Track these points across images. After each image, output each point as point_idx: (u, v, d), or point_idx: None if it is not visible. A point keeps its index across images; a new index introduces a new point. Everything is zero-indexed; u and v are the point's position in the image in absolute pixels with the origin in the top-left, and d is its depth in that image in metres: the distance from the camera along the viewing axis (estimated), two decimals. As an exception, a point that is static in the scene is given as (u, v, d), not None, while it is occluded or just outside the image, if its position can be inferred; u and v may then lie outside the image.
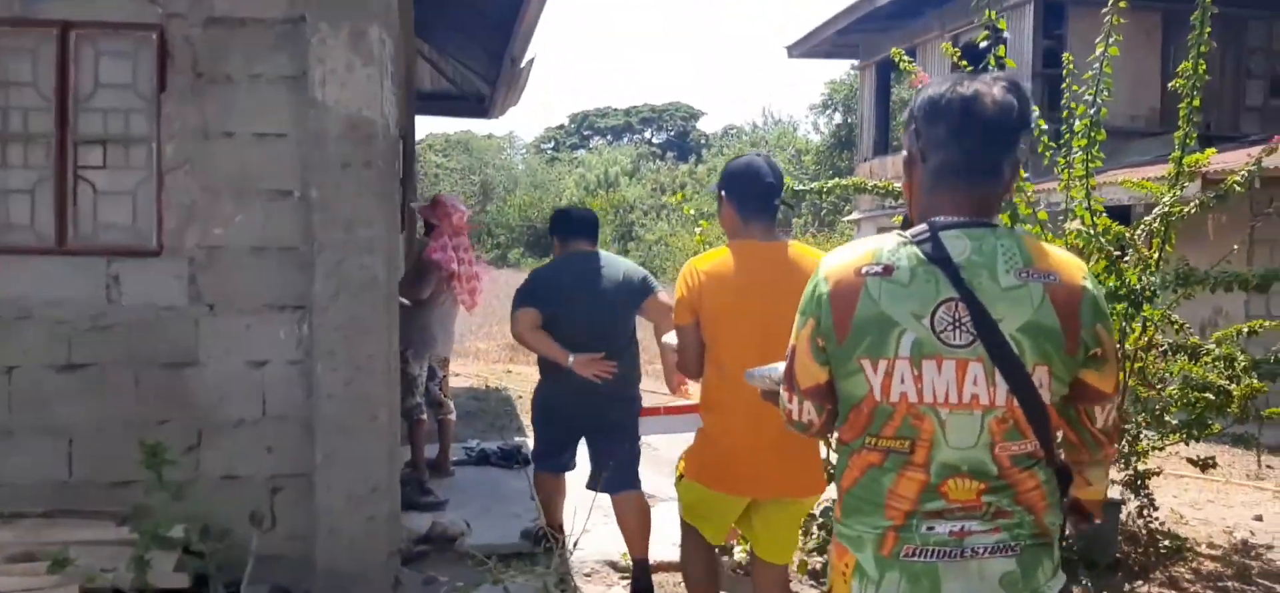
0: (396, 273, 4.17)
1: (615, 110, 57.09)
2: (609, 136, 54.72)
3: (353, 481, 3.99)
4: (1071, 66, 4.74)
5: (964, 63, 4.75)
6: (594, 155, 49.44)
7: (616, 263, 4.37)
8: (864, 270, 1.63)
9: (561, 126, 57.39)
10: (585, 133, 56.24)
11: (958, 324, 1.57)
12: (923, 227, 1.64)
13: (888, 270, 1.61)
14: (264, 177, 3.99)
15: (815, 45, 16.65)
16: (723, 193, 3.02)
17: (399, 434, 4.36)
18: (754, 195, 2.96)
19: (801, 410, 1.77)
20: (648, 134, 55.35)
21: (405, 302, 5.49)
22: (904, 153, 1.76)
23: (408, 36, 9.02)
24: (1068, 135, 4.57)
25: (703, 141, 51.43)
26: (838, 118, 33.70)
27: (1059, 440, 1.71)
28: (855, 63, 17.81)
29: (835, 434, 1.81)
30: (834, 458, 2.38)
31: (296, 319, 4.03)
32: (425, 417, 5.67)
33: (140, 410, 3.94)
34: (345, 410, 3.97)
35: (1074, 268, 1.64)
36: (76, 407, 3.91)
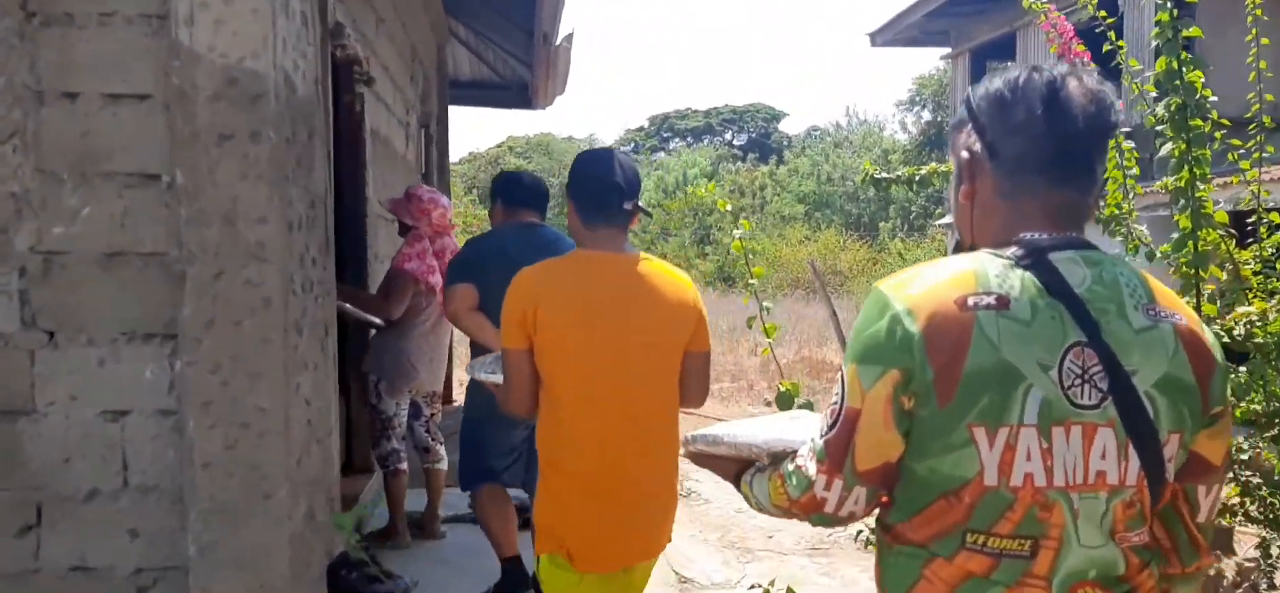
0: (306, 291, 3.02)
1: (695, 112, 56.46)
2: (689, 138, 54.04)
3: (239, 583, 2.84)
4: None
5: (1080, 46, 3.38)
6: (672, 158, 48.56)
7: (564, 242, 3.57)
8: (971, 301, 1.19)
9: (641, 129, 56.77)
10: (665, 135, 55.64)
11: (1086, 377, 1.18)
12: (1016, 247, 1.23)
13: (1002, 303, 1.19)
14: (119, 154, 2.87)
15: (901, 32, 15.15)
16: (567, 192, 2.51)
17: (316, 511, 3.21)
18: (599, 196, 2.44)
19: (844, 500, 1.28)
20: (728, 136, 54.39)
21: (376, 323, 4.38)
22: (956, 161, 1.33)
23: (433, 13, 7.95)
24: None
25: (785, 143, 50.10)
26: (927, 115, 31.88)
27: None
28: (946, 51, 16.21)
29: (882, 527, 1.34)
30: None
31: (168, 353, 2.90)
32: (405, 466, 4.53)
33: (-46, 477, 2.87)
34: (227, 485, 2.82)
35: (1186, 307, 1.29)
36: None
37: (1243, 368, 3.16)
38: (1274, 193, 6.25)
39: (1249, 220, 3.35)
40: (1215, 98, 3.17)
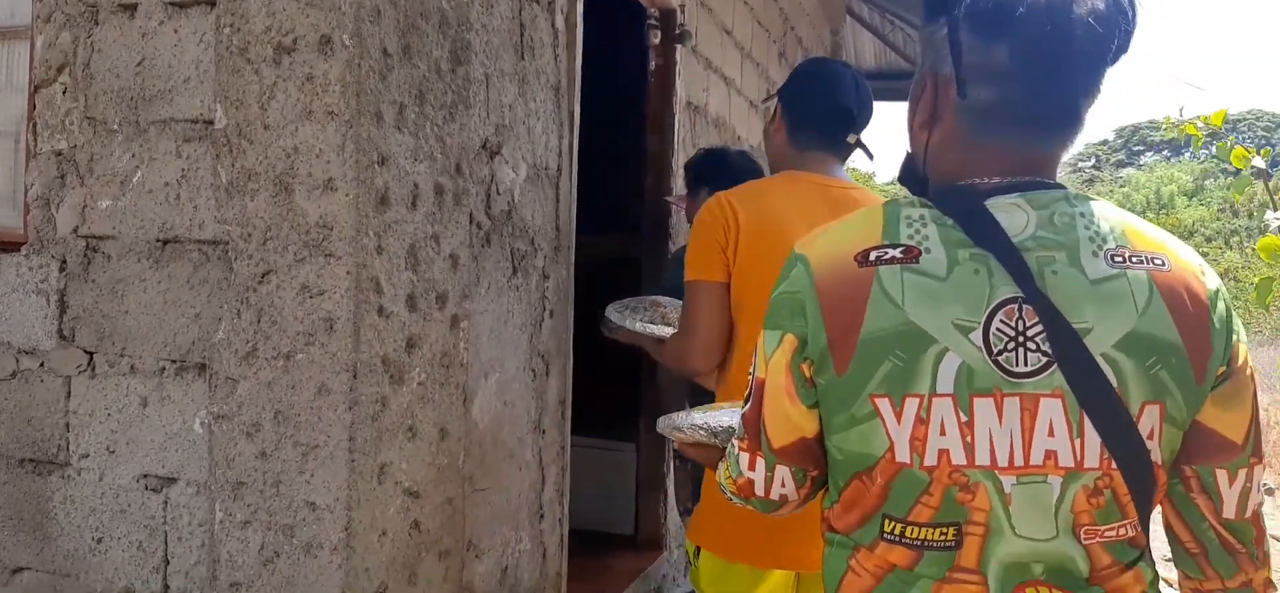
0: (418, 308, 1.80)
1: (1174, 122, 48.98)
2: (1165, 152, 47.21)
3: None
4: None
5: None
6: (1144, 174, 42.43)
7: None
8: (874, 254, 1.02)
9: (1104, 143, 50.67)
10: (1135, 148, 49.27)
11: (1023, 340, 0.98)
12: (951, 189, 1.05)
13: (910, 255, 1.01)
14: (180, 92, 1.90)
15: None
16: (780, 103, 1.98)
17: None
18: (821, 116, 1.93)
19: (770, 482, 1.12)
20: (1216, 149, 46.44)
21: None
22: (917, 80, 1.10)
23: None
24: None
25: (1294, 155, 41.33)
26: None
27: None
28: None
29: (823, 518, 1.15)
30: None
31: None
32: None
33: (-10, 543, 2.09)
34: (265, 620, 1.71)
35: (1183, 251, 1.05)
36: (-86, 520, 2.17)
37: None
38: None
39: None
40: None
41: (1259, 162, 2.09)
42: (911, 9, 7.39)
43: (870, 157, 2.02)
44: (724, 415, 1.33)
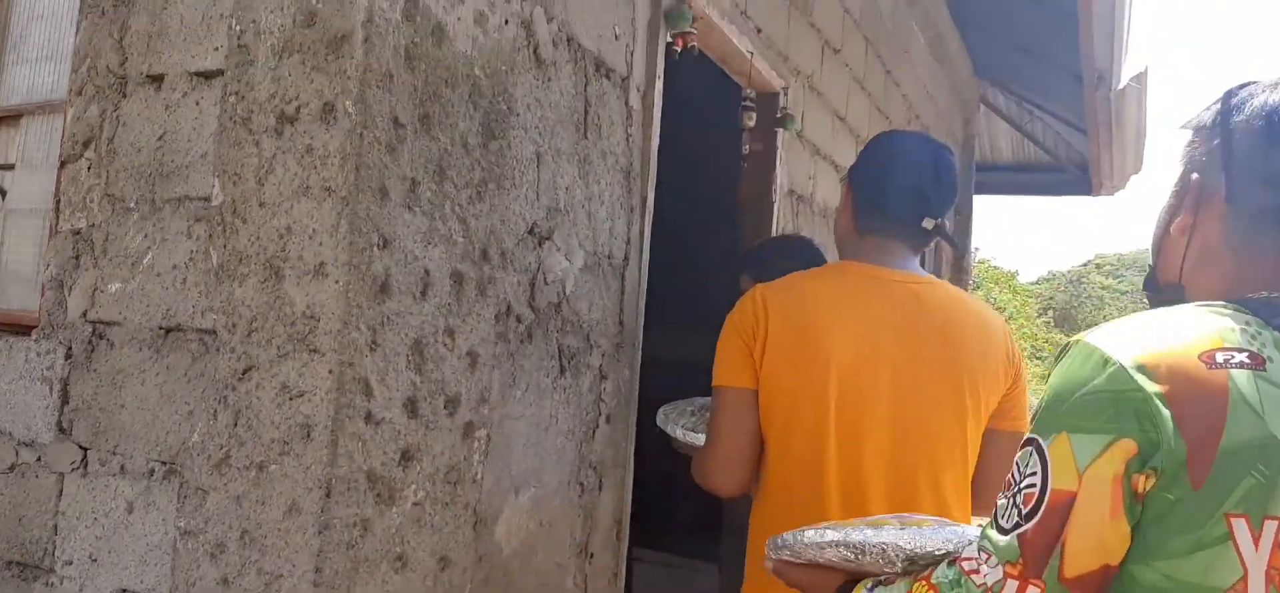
0: (421, 415, 1.53)
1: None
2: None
3: None
4: None
5: None
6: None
7: None
8: (1221, 357, 0.94)
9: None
10: None
11: None
12: (1267, 300, 0.99)
13: (1257, 361, 0.94)
14: (195, 168, 1.74)
15: None
16: (850, 181, 1.74)
17: None
18: (889, 195, 1.66)
19: None
20: None
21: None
22: (1182, 174, 1.09)
23: (954, 74, 6.28)
24: None
25: None
26: None
27: None
28: None
29: None
30: None
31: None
32: None
33: (-23, 651, 1.92)
34: None
35: None
36: (-86, 617, 2.03)
37: None
38: None
39: None
40: None
41: None
42: (1053, 97, 6.93)
43: (953, 245, 1.77)
44: (929, 535, 1.06)
